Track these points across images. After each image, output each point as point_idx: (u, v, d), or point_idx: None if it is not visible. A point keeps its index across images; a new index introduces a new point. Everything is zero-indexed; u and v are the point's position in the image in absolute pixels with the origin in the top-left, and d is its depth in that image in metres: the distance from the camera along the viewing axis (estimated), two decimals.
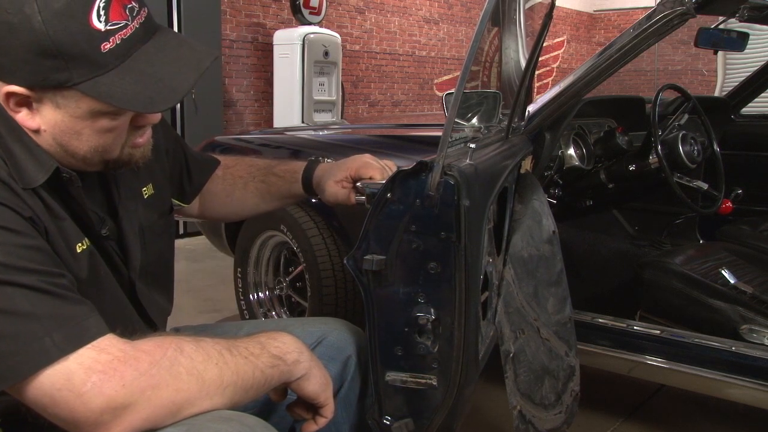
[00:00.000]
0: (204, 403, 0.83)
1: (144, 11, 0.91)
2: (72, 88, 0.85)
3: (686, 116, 2.39)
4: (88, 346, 0.79)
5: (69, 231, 0.93)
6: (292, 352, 0.95)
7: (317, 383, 0.98)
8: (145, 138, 0.99)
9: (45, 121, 0.89)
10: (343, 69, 6.44)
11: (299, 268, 2.42)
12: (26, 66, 0.84)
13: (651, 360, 1.87)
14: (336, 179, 1.29)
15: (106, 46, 0.85)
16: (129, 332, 0.85)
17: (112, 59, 0.86)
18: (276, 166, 1.38)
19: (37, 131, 0.90)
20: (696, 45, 2.15)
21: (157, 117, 0.99)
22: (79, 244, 0.94)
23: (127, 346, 0.81)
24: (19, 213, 0.84)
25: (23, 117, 0.89)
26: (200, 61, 0.94)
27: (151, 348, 0.82)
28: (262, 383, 0.90)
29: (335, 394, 1.21)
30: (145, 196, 1.13)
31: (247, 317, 2.56)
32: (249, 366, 0.89)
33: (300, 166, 1.35)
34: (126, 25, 0.87)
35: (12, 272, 0.79)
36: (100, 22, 0.85)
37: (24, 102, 0.88)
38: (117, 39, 0.86)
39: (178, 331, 1.21)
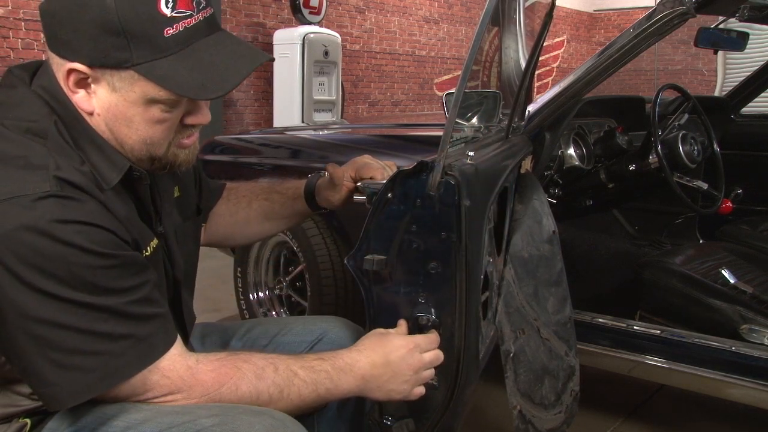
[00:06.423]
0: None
1: (210, 9, 0.94)
2: (130, 68, 0.88)
3: (686, 116, 2.38)
4: (152, 367, 0.91)
5: (144, 234, 0.97)
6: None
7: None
8: (191, 140, 1.00)
9: (100, 103, 0.92)
10: (343, 69, 6.43)
11: (299, 268, 2.41)
12: (91, 42, 0.87)
13: (651, 360, 1.87)
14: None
15: (169, 32, 0.88)
16: None
17: (173, 45, 0.88)
18: (279, 185, 1.38)
19: (91, 114, 0.93)
20: (696, 45, 2.15)
21: (206, 118, 0.99)
22: (149, 246, 0.98)
23: (188, 373, 0.93)
24: (120, 236, 0.89)
25: (80, 98, 0.92)
26: (255, 56, 0.96)
27: (209, 380, 0.94)
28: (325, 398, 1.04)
29: None
30: (174, 196, 1.14)
31: (247, 317, 2.56)
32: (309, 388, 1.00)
33: (302, 183, 1.35)
34: (191, 15, 0.90)
35: (101, 293, 0.86)
36: (168, 8, 0.88)
37: (82, 83, 0.91)
38: (180, 26, 0.89)
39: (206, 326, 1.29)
